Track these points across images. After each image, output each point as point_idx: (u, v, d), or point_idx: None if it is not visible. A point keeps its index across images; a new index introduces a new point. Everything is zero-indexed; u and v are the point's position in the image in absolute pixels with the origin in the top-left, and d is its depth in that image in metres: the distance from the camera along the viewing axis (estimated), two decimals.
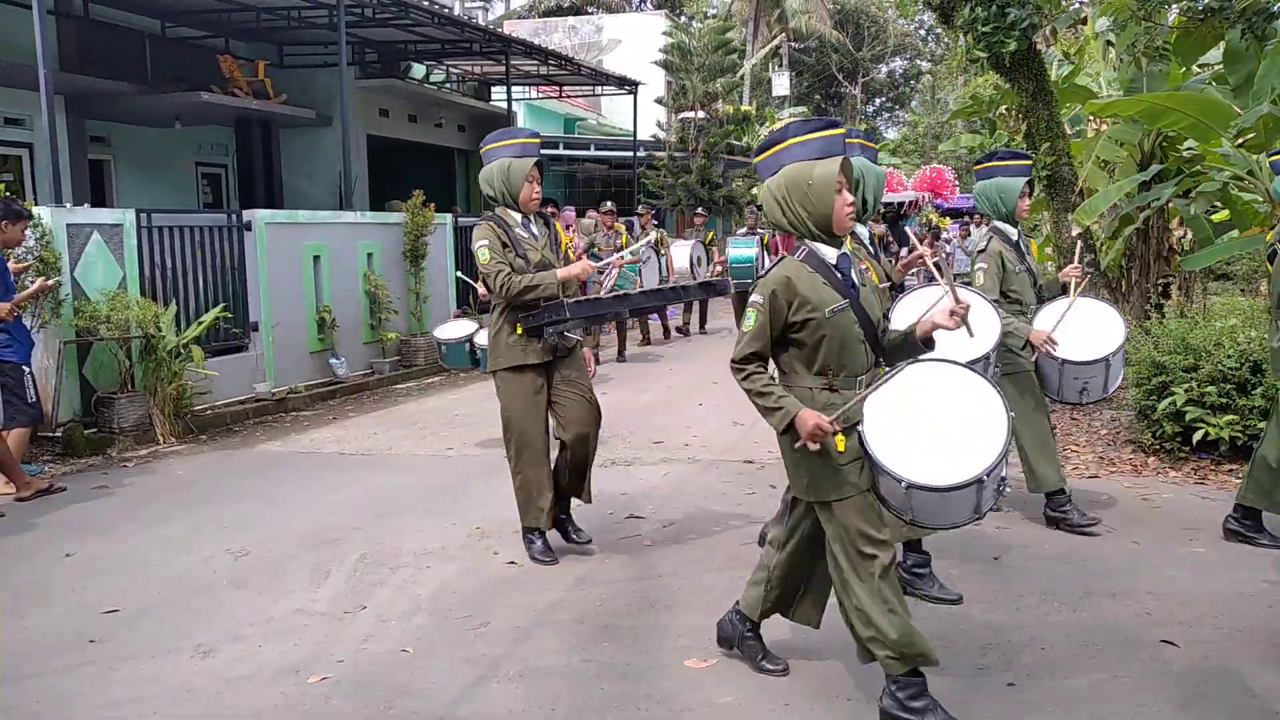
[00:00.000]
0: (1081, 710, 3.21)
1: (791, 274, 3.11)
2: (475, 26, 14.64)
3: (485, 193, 4.64)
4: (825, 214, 3.09)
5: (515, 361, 4.59)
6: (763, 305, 3.12)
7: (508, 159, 4.54)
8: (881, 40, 45.80)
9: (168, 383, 7.73)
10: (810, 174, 3.07)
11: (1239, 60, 7.89)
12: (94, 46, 11.87)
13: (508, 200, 4.58)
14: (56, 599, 4.42)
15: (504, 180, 4.55)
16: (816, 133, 3.11)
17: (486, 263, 4.46)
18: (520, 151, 4.55)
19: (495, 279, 4.44)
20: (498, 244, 4.51)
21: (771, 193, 3.18)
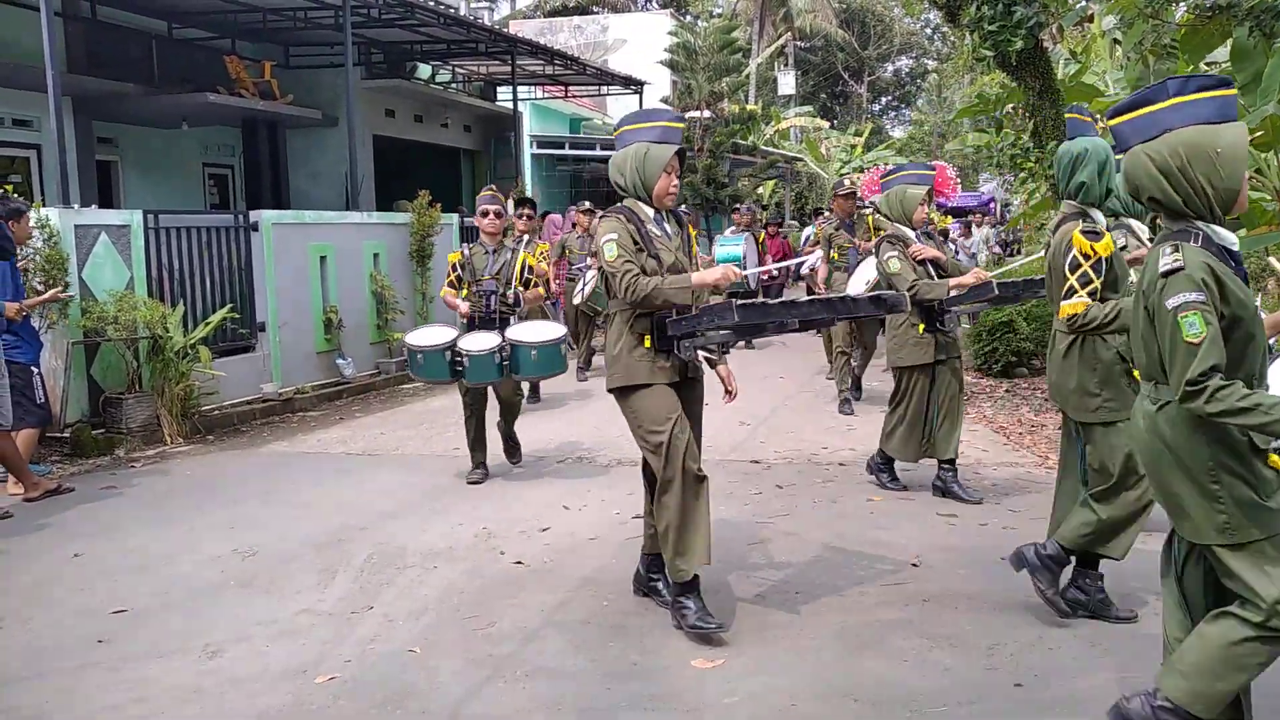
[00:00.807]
0: (1090, 711, 3.20)
1: (1211, 263, 2.53)
2: (481, 27, 14.66)
3: (614, 181, 4.05)
4: (1234, 190, 2.57)
5: (642, 379, 3.99)
6: (1205, 303, 2.48)
7: (645, 144, 3.94)
8: (887, 39, 45.72)
9: (175, 383, 7.75)
10: (1217, 141, 2.53)
11: (1247, 58, 7.86)
12: (101, 48, 11.91)
13: (640, 192, 3.98)
14: (64, 599, 4.44)
15: (638, 168, 3.94)
16: (1208, 92, 2.57)
17: (613, 260, 3.87)
18: (661, 136, 3.96)
19: (620, 280, 3.85)
20: (628, 240, 3.90)
21: (1151, 161, 2.61)
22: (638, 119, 4.07)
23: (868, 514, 5.45)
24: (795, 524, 5.27)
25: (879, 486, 5.92)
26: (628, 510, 5.59)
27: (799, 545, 4.93)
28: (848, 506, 5.61)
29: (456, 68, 18.12)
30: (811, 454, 6.89)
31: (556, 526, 5.32)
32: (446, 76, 18.28)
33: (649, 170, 3.93)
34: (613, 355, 4.06)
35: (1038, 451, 6.74)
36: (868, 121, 40.15)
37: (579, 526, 5.30)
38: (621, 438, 7.40)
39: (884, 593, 4.27)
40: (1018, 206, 23.99)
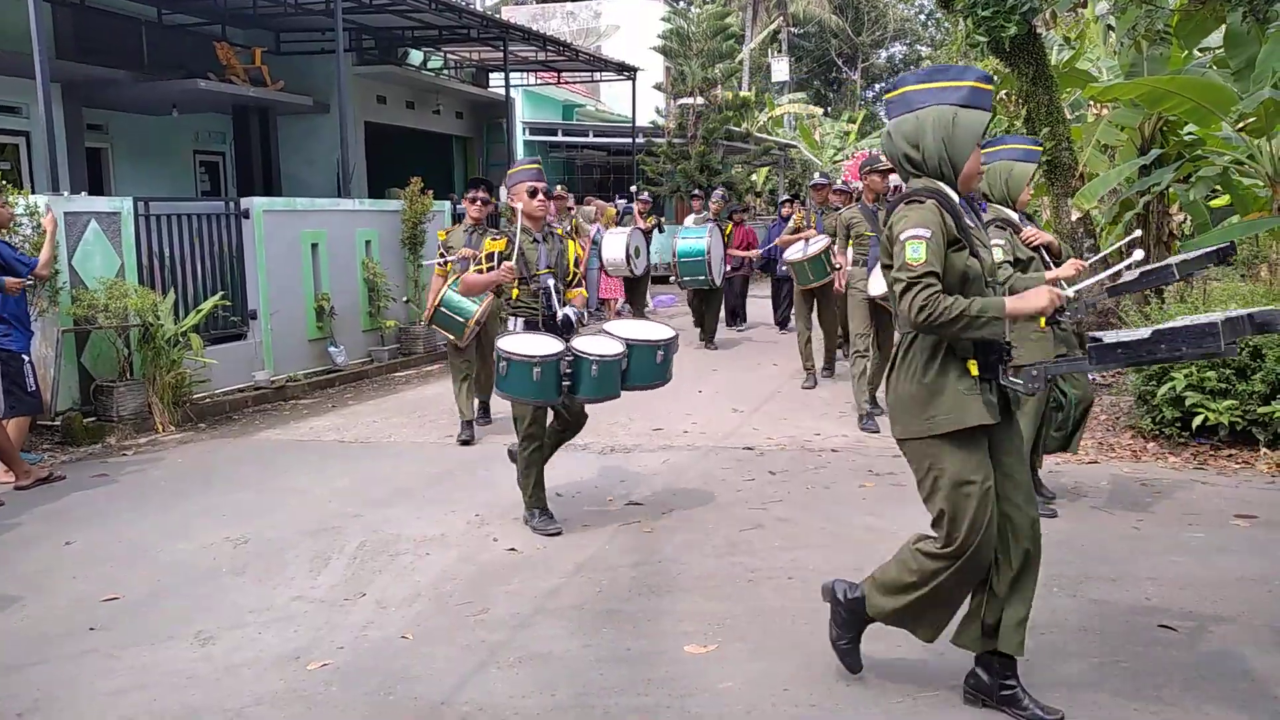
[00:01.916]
0: (1081, 695, 3.22)
1: None
2: (473, 12, 14.57)
3: (899, 155, 3.07)
4: None
5: (957, 422, 2.93)
6: None
7: (949, 107, 2.99)
8: (881, 25, 45.63)
9: (166, 371, 7.72)
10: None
11: (1240, 44, 7.86)
12: (90, 34, 11.82)
13: (946, 169, 3.01)
14: (57, 587, 4.43)
15: (944, 138, 2.98)
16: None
17: (916, 264, 2.83)
18: (969, 98, 3.00)
19: (915, 296, 2.82)
20: (941, 239, 2.89)
21: None
22: (933, 76, 3.09)
23: (860, 500, 5.46)
24: (788, 510, 5.28)
25: None
26: (620, 497, 5.59)
27: (792, 531, 4.94)
28: (841, 492, 5.62)
29: (448, 54, 18.02)
30: (805, 441, 6.90)
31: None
32: (438, 63, 18.19)
33: (958, 142, 2.99)
34: (914, 390, 3.00)
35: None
36: (861, 108, 40.09)
37: (572, 513, 5.31)
38: (615, 426, 7.41)
39: None
40: None
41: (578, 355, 4.80)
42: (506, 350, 4.70)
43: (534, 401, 4.83)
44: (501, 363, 4.71)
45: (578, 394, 4.86)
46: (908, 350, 3.03)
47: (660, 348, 5.04)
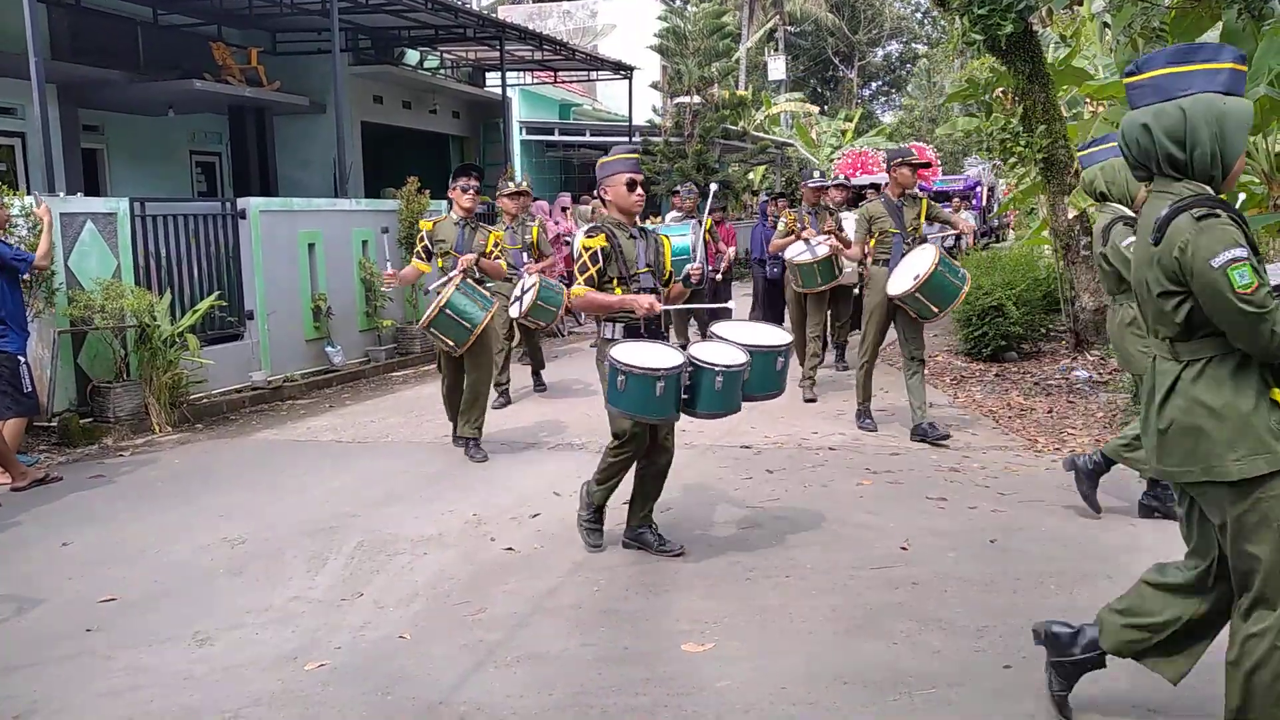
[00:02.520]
0: (1078, 693, 3.22)
1: None
2: (469, 12, 14.57)
3: (1164, 153, 2.58)
4: None
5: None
6: None
7: (1215, 96, 2.54)
8: (877, 23, 45.65)
9: (163, 372, 7.72)
10: None
11: (1236, 41, 7.85)
12: (86, 34, 11.80)
13: (1215, 174, 2.58)
14: (54, 588, 4.42)
15: (1216, 135, 2.54)
16: None
17: (1257, 286, 2.41)
18: (1230, 83, 2.57)
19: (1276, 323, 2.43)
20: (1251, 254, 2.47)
21: None
22: (1188, 57, 2.60)
23: (857, 498, 5.46)
24: (785, 508, 5.29)
25: None
26: (618, 497, 5.58)
27: (789, 529, 4.94)
28: (837, 491, 5.62)
29: (445, 53, 18.01)
30: (801, 439, 6.91)
31: (547, 513, 5.32)
32: (435, 62, 18.18)
33: (1231, 137, 2.55)
34: (1225, 419, 2.53)
35: (1027, 435, 6.76)
36: (858, 106, 40.09)
37: (569, 513, 5.29)
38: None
39: (874, 576, 4.28)
40: (1002, 191, 24.00)
41: (699, 365, 4.29)
42: (625, 363, 4.17)
43: (652, 420, 4.33)
44: (619, 377, 4.17)
45: (696, 409, 4.34)
46: (1200, 374, 2.57)
47: (780, 354, 4.51)
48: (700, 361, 4.29)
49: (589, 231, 4.57)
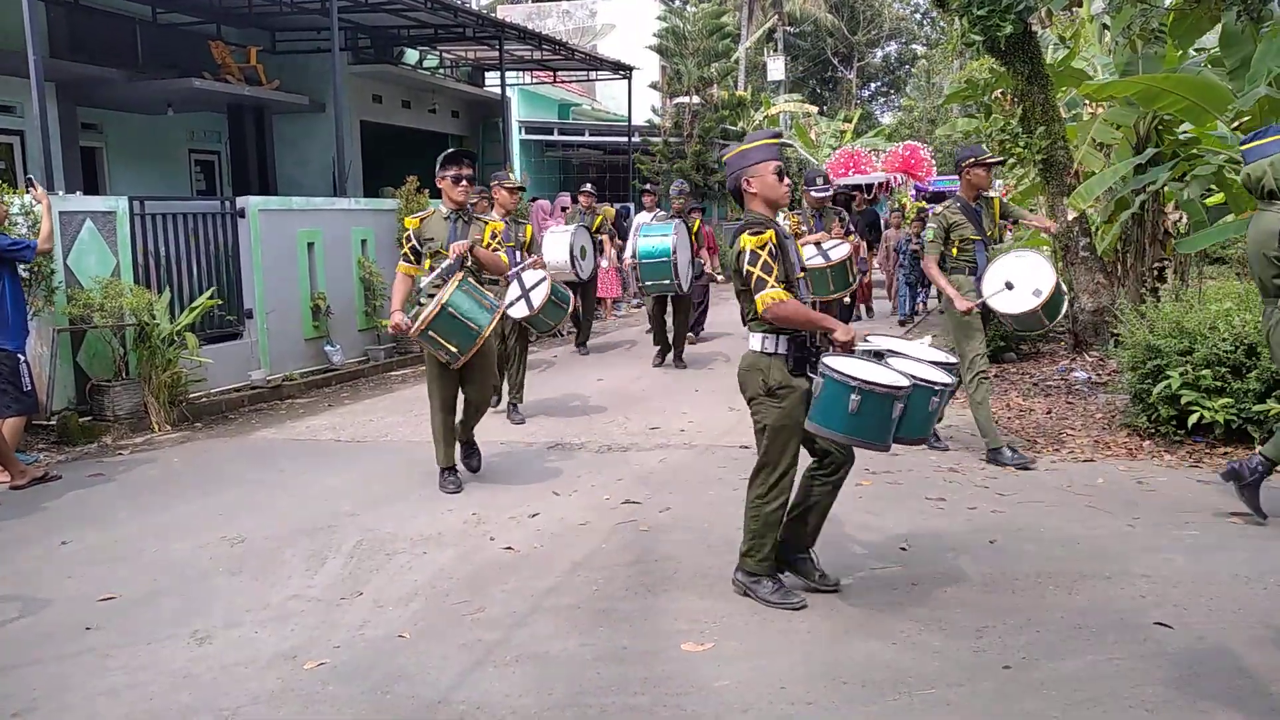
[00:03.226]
0: (1077, 692, 3.22)
1: None
2: (468, 11, 14.56)
3: None
4: None
5: None
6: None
7: None
8: (877, 24, 45.66)
9: (162, 370, 7.71)
10: None
11: (1235, 43, 7.88)
12: (84, 32, 11.80)
13: None
14: (53, 587, 4.42)
15: None
16: None
17: None
18: None
19: None
20: None
21: None
22: None
23: (857, 498, 5.46)
24: None
25: None
26: (617, 496, 5.59)
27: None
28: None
29: (444, 53, 18.01)
30: None
31: (546, 512, 5.32)
32: (434, 62, 18.18)
33: None
34: None
35: (1026, 436, 6.76)
36: (857, 107, 40.09)
37: (568, 512, 5.31)
38: (611, 425, 7.42)
39: (873, 576, 4.28)
40: (1000, 191, 23.93)
41: (921, 384, 3.77)
42: (865, 379, 3.60)
43: (877, 447, 3.77)
44: (852, 396, 3.58)
45: (899, 432, 3.77)
46: None
47: (945, 391, 3.92)
48: (927, 380, 3.79)
49: (751, 228, 3.86)
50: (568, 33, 24.19)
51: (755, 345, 3.91)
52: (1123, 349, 6.70)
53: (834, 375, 3.63)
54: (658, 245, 9.15)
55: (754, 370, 3.89)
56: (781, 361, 3.84)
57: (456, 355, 5.47)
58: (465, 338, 5.42)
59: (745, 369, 3.96)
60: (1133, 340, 6.48)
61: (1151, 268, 9.35)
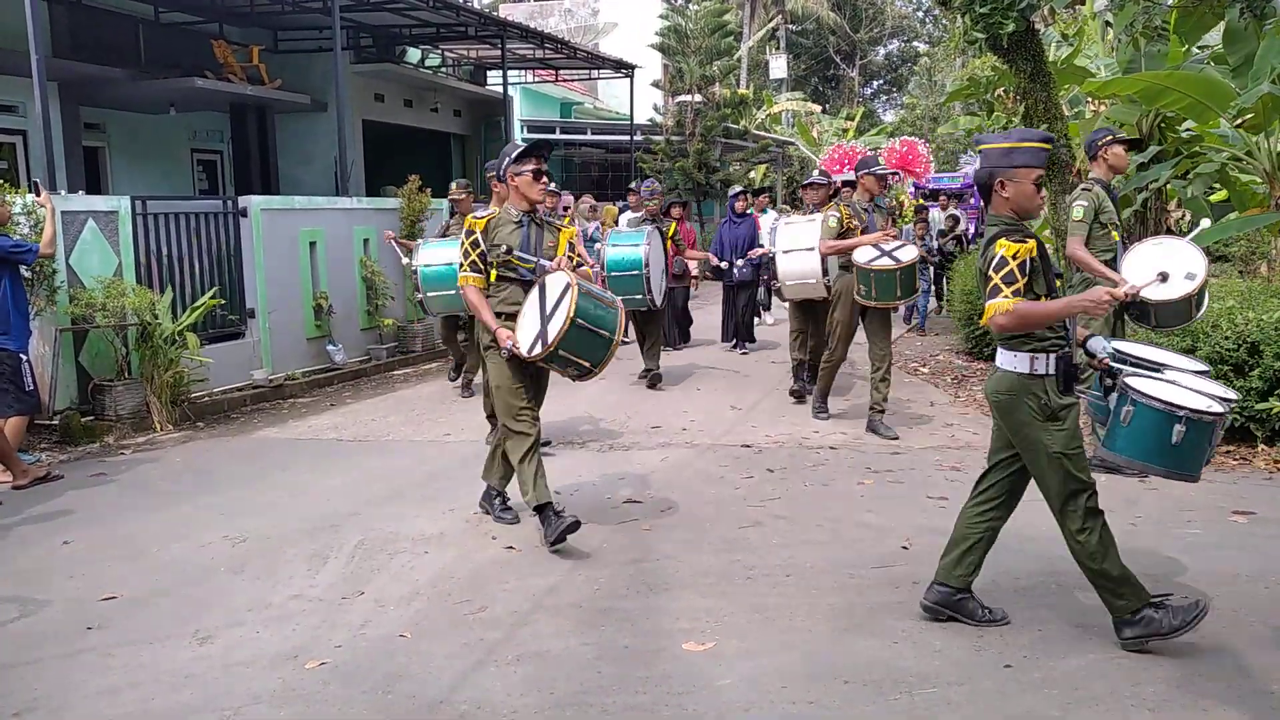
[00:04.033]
0: (1078, 690, 3.22)
1: None
2: (470, 10, 14.56)
3: None
4: None
5: None
6: None
7: None
8: (879, 22, 45.62)
9: (164, 370, 7.72)
10: None
11: (1239, 40, 7.86)
12: (87, 32, 11.80)
13: None
14: (55, 586, 4.42)
15: None
16: None
17: None
18: None
19: None
20: None
21: None
22: None
23: (858, 497, 5.46)
24: (786, 507, 5.28)
25: None
26: (619, 495, 5.59)
27: (790, 528, 4.94)
28: (838, 490, 5.62)
29: (446, 52, 18.01)
30: (803, 438, 6.90)
31: None
32: (436, 61, 18.18)
33: None
34: None
35: None
36: (859, 105, 40.07)
37: (570, 511, 5.29)
38: (612, 424, 7.42)
39: (875, 575, 4.28)
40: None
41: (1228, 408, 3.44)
42: (1188, 407, 3.31)
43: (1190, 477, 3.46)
44: (1178, 427, 3.29)
45: None
46: None
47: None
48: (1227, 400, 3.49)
49: (1010, 234, 3.51)
50: (570, 31, 24.19)
51: (1017, 366, 3.52)
52: None
53: (1154, 404, 3.32)
54: (628, 255, 8.28)
55: (1023, 394, 3.50)
56: (1054, 383, 3.48)
57: (590, 369, 4.79)
58: (599, 348, 4.72)
59: (1007, 392, 3.55)
60: (1134, 338, 6.46)
61: None
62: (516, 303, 4.83)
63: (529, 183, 4.79)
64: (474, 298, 4.86)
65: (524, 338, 4.72)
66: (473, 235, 4.82)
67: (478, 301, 4.85)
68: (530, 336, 4.70)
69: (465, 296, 4.94)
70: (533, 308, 4.77)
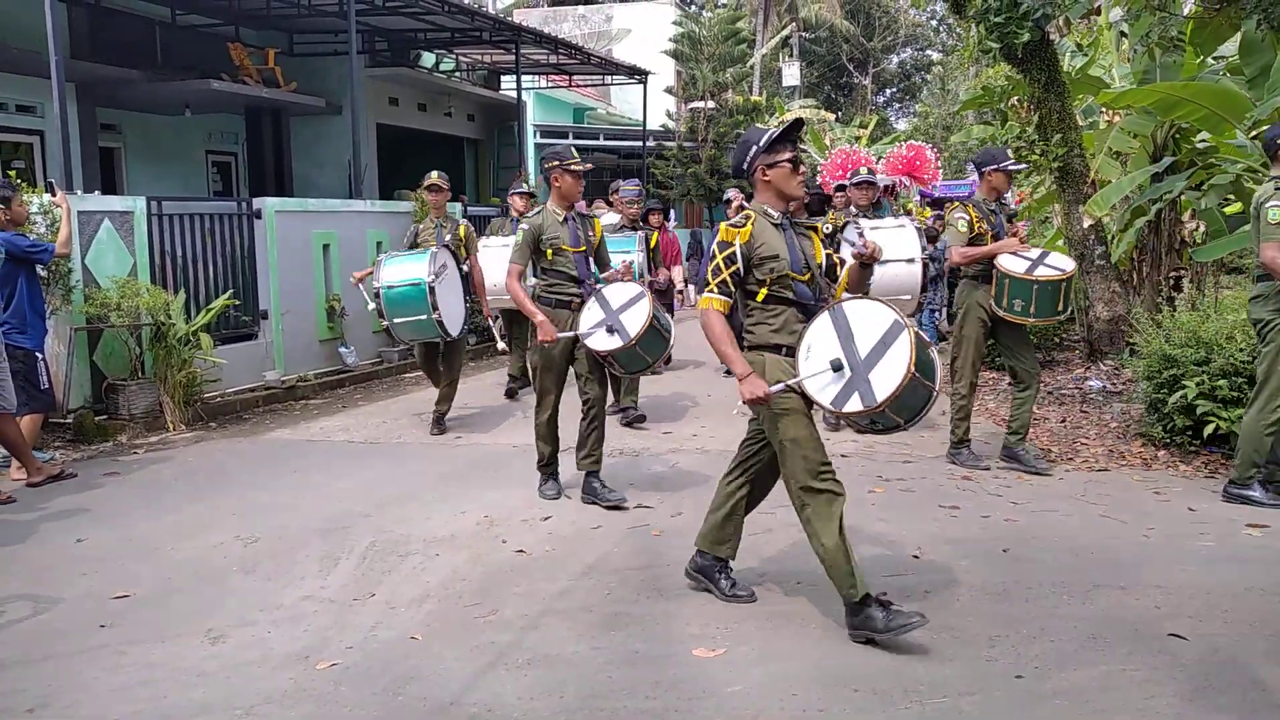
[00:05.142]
0: (1090, 702, 3.21)
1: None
2: (485, 15, 14.61)
3: None
4: None
5: None
6: None
7: None
8: (892, 30, 45.56)
9: (178, 370, 7.75)
10: None
11: (1255, 51, 7.84)
12: (105, 34, 11.89)
13: None
14: (68, 584, 4.45)
15: None
16: None
17: None
18: None
19: None
20: None
21: None
22: None
23: (870, 505, 5.45)
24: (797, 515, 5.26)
25: None
26: (629, 500, 5.59)
27: (801, 536, 4.91)
28: (850, 498, 5.55)
29: (460, 56, 18.08)
30: None
31: (558, 515, 5.32)
32: (450, 65, 18.25)
33: None
34: None
35: (1040, 444, 6.73)
36: (872, 113, 40.02)
37: (581, 516, 5.31)
38: (623, 430, 7.42)
39: (886, 584, 4.27)
40: (1014, 199, 23.75)
41: None
42: None
43: None
44: None
45: None
46: None
47: None
48: None
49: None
50: (583, 37, 24.25)
51: None
52: (1138, 358, 6.66)
53: None
54: None
55: None
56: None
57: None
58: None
59: None
60: (1148, 349, 6.44)
61: (1168, 276, 9.29)
62: (794, 331, 3.83)
63: (787, 175, 3.82)
64: (717, 326, 3.81)
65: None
66: (729, 248, 3.80)
67: (723, 334, 3.80)
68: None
69: (706, 326, 3.84)
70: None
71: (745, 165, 3.88)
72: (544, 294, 5.61)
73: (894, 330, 3.67)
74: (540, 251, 5.53)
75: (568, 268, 5.55)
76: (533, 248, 5.53)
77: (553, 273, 5.58)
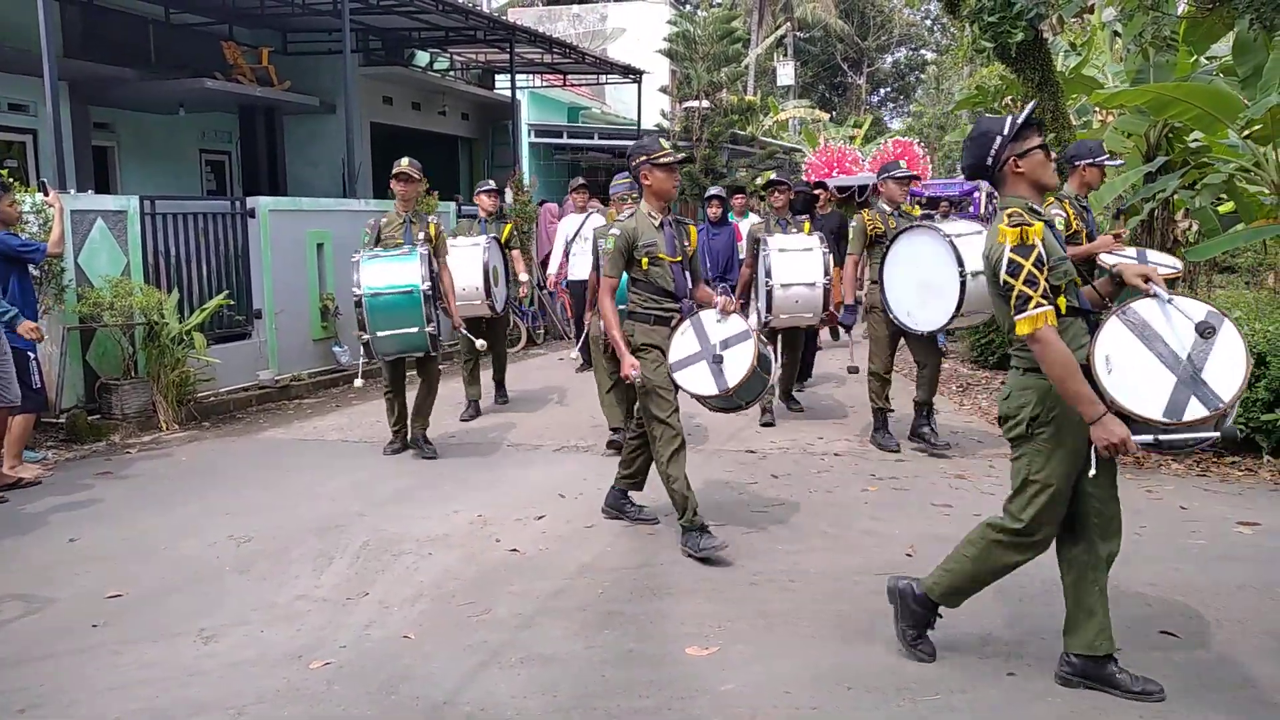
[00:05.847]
0: (1082, 700, 3.22)
1: None
2: (479, 14, 14.59)
3: None
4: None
5: None
6: None
7: None
8: (887, 30, 45.63)
9: (171, 370, 7.74)
10: None
11: (1248, 51, 7.86)
12: (98, 32, 11.85)
13: None
14: (61, 583, 4.44)
15: None
16: None
17: None
18: None
19: None
20: None
21: None
22: None
23: (863, 504, 5.46)
24: (791, 513, 5.29)
25: None
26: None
27: (794, 534, 4.94)
28: (843, 496, 5.62)
29: (455, 55, 18.05)
30: (807, 444, 6.90)
31: (552, 514, 5.33)
32: (445, 64, 18.22)
33: None
34: None
35: None
36: (867, 113, 40.09)
37: (574, 514, 5.31)
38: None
39: (879, 582, 4.26)
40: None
41: None
42: None
43: None
44: None
45: None
46: None
47: None
48: None
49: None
50: (578, 36, 24.23)
51: None
52: None
53: None
54: None
55: None
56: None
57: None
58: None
59: None
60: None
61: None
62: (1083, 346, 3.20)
63: (1043, 163, 3.27)
64: (1059, 358, 3.07)
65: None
66: (1034, 249, 3.09)
67: (1068, 369, 3.07)
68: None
69: (1043, 352, 3.07)
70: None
71: (990, 159, 3.26)
72: (638, 309, 4.83)
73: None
74: (634, 260, 4.78)
75: (664, 280, 4.80)
76: (626, 257, 4.80)
77: (646, 284, 4.81)
